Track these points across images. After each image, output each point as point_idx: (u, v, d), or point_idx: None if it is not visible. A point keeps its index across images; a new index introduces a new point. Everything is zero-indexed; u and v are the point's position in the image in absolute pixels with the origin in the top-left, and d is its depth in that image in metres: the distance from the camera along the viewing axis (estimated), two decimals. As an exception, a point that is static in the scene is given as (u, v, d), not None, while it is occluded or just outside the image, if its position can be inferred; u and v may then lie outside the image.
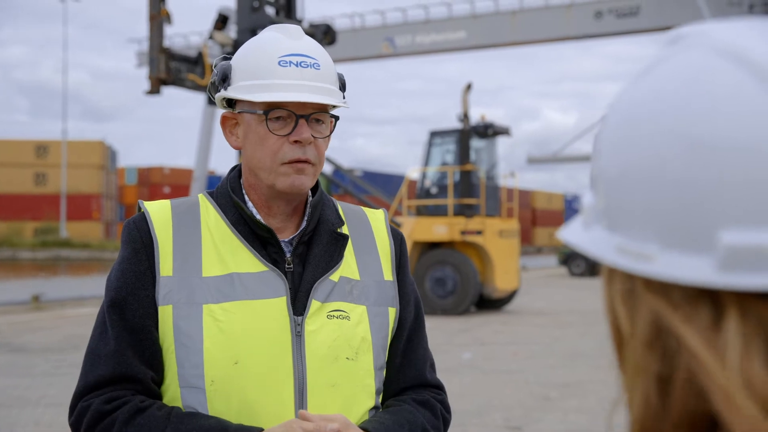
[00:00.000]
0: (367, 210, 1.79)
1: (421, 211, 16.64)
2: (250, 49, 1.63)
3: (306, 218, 1.67)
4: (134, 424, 1.50)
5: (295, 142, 1.58)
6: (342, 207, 1.76)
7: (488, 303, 16.35)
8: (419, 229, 15.70)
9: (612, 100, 0.68)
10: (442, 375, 1.84)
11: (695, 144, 0.59)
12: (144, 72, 14.76)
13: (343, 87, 1.68)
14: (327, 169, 19.46)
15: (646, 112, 0.63)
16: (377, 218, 1.77)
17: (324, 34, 15.45)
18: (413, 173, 17.57)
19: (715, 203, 0.58)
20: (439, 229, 15.76)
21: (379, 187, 21.81)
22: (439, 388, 1.75)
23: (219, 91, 1.63)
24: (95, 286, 21.61)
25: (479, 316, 15.37)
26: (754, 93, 0.58)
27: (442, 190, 16.51)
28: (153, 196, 48.06)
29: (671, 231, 0.60)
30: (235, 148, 1.67)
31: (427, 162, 16.82)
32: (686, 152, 0.59)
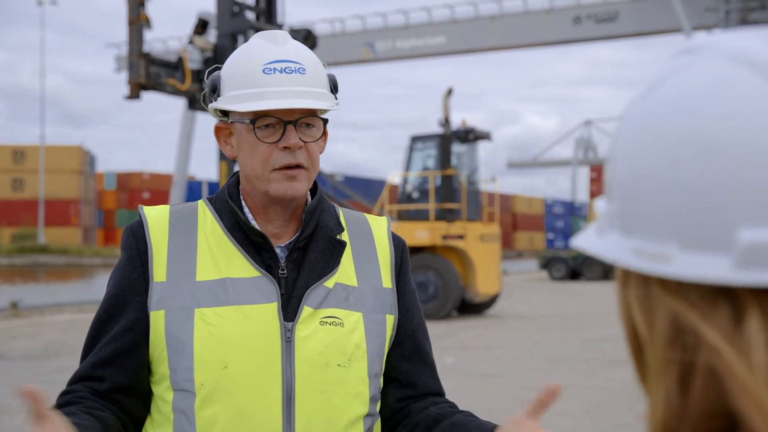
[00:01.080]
0: (369, 217, 1.80)
1: (402, 216, 16.66)
2: (237, 58, 1.65)
3: (302, 224, 1.67)
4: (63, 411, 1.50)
5: (285, 148, 1.59)
6: (344, 213, 1.76)
7: (470, 307, 16.39)
8: (401, 234, 15.54)
9: (625, 109, 0.69)
10: None
11: (712, 147, 0.61)
12: (123, 77, 14.72)
13: (334, 88, 1.68)
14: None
15: (662, 119, 0.64)
16: (380, 225, 1.77)
17: (304, 39, 15.43)
18: (395, 178, 17.59)
19: (733, 203, 0.59)
20: (420, 234, 15.78)
21: (359, 191, 21.81)
22: (441, 396, 1.76)
23: (210, 102, 1.66)
24: (74, 293, 21.45)
25: (461, 321, 15.40)
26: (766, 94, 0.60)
27: (424, 194, 16.54)
28: (132, 202, 47.80)
29: (689, 231, 0.61)
30: (231, 157, 1.69)
31: (408, 167, 16.84)
32: (703, 155, 0.61)
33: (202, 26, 15.23)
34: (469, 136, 16.76)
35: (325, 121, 1.65)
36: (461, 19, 28.37)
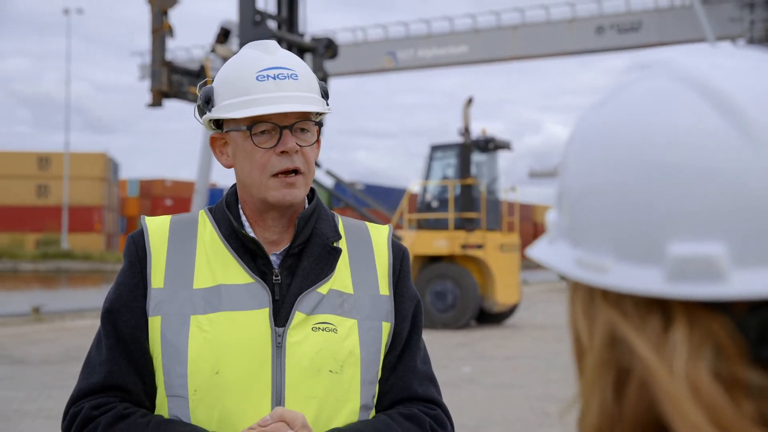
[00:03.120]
0: (370, 225, 1.81)
1: (421, 225, 16.64)
2: (229, 68, 1.68)
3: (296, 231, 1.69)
4: (116, 429, 1.56)
5: (282, 152, 1.61)
6: (343, 221, 1.78)
7: (488, 317, 16.32)
8: (420, 243, 15.69)
9: (577, 122, 0.71)
10: (441, 389, 1.80)
11: (649, 164, 0.62)
12: (146, 85, 14.81)
13: (325, 95, 1.72)
14: (328, 182, 19.47)
15: (607, 137, 0.66)
16: (380, 233, 1.78)
17: (326, 48, 15.52)
18: (414, 187, 17.58)
19: (665, 217, 0.61)
20: (439, 243, 15.75)
21: (380, 200, 21.82)
22: (433, 402, 1.71)
23: (204, 114, 1.68)
24: (96, 298, 21.58)
25: (479, 330, 15.35)
26: (711, 122, 0.61)
27: (443, 203, 16.52)
28: (154, 209, 48.10)
29: (625, 244, 0.63)
30: (227, 167, 1.71)
31: (427, 176, 16.83)
32: (641, 171, 0.63)
33: (224, 35, 15.35)
34: (489, 145, 16.72)
35: (320, 126, 1.69)
36: (483, 28, 28.35)
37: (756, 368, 0.60)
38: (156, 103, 14.70)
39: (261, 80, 1.62)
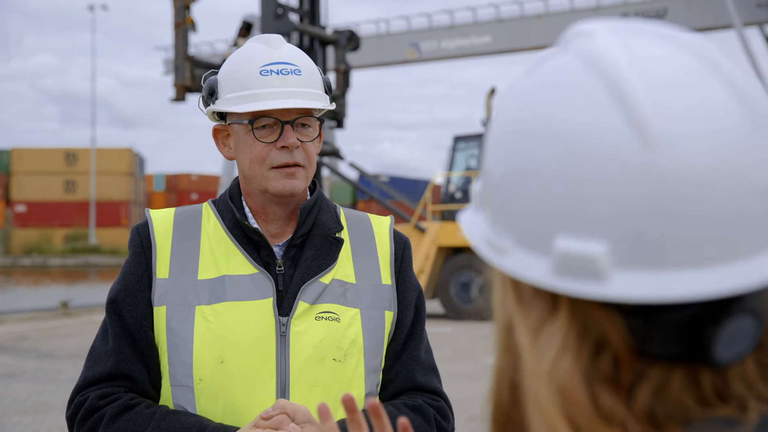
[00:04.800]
0: (372, 216, 1.83)
1: (445, 216, 16.61)
2: (234, 62, 1.70)
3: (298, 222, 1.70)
4: (121, 419, 1.57)
5: (283, 147, 1.63)
6: (345, 213, 1.80)
7: (514, 308, 16.28)
8: (443, 234, 15.67)
9: (503, 91, 0.70)
10: (465, 380, 1.80)
11: (549, 150, 0.61)
12: (170, 79, 14.89)
13: (328, 89, 1.72)
14: (352, 175, 19.48)
15: (517, 116, 0.65)
16: (381, 224, 1.80)
17: (348, 40, 15.49)
18: (438, 178, 17.55)
19: (557, 210, 0.60)
20: (463, 234, 15.71)
21: (405, 192, 21.79)
22: (436, 393, 1.72)
23: (208, 106, 1.70)
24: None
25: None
26: (606, 116, 0.59)
27: (467, 195, 16.47)
28: (180, 203, 48.33)
29: (523, 230, 0.62)
30: (228, 158, 1.73)
31: (451, 167, 16.80)
32: (541, 155, 0.61)
33: (246, 29, 15.39)
34: (513, 135, 16.67)
35: (321, 121, 1.70)
36: (506, 18, 28.18)
37: (641, 363, 0.59)
38: (180, 97, 14.76)
39: (264, 75, 1.63)
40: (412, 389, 1.70)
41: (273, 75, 1.63)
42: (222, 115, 1.71)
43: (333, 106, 1.69)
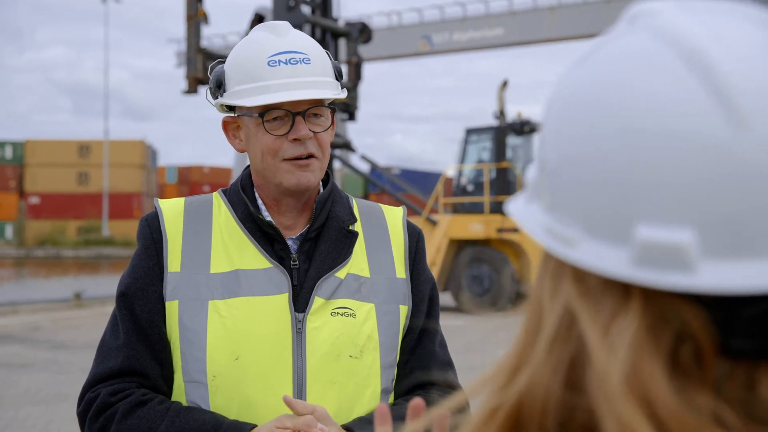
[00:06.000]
0: (385, 207, 1.78)
1: (457, 209, 16.58)
2: (240, 52, 1.64)
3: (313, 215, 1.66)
4: (134, 416, 1.53)
5: (295, 140, 1.58)
6: (358, 204, 1.75)
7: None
8: (455, 227, 15.64)
9: (559, 78, 0.65)
10: (477, 373, 1.78)
11: (624, 133, 0.57)
12: (183, 72, 14.90)
13: (339, 75, 1.67)
14: (364, 167, 19.46)
15: (582, 99, 0.61)
16: (394, 215, 1.75)
17: (360, 32, 15.45)
18: (450, 171, 17.51)
19: (637, 196, 0.56)
20: (475, 227, 15.68)
21: (416, 185, 21.75)
22: (451, 387, 1.68)
23: (216, 98, 1.65)
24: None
25: (516, 315, 15.27)
26: (691, 94, 0.56)
27: (479, 187, 16.43)
28: (193, 195, 48.19)
29: (595, 219, 0.58)
30: (240, 151, 1.69)
31: (463, 159, 16.76)
32: (616, 140, 0.57)
33: (258, 21, 15.36)
34: (525, 128, 16.59)
35: (333, 109, 1.65)
36: (519, 10, 28.05)
37: (724, 359, 0.56)
38: (192, 89, 14.76)
39: (273, 65, 1.58)
40: (428, 384, 1.67)
41: (281, 65, 1.58)
42: (231, 107, 1.66)
43: (345, 94, 1.64)
